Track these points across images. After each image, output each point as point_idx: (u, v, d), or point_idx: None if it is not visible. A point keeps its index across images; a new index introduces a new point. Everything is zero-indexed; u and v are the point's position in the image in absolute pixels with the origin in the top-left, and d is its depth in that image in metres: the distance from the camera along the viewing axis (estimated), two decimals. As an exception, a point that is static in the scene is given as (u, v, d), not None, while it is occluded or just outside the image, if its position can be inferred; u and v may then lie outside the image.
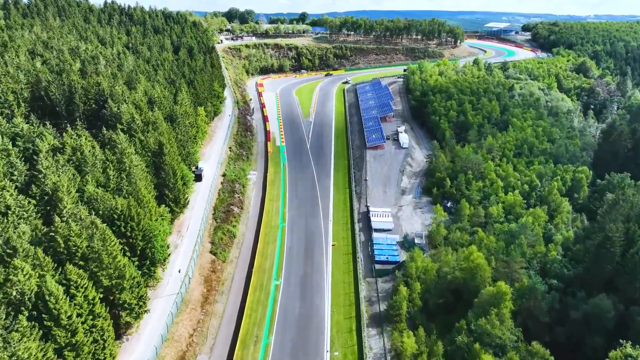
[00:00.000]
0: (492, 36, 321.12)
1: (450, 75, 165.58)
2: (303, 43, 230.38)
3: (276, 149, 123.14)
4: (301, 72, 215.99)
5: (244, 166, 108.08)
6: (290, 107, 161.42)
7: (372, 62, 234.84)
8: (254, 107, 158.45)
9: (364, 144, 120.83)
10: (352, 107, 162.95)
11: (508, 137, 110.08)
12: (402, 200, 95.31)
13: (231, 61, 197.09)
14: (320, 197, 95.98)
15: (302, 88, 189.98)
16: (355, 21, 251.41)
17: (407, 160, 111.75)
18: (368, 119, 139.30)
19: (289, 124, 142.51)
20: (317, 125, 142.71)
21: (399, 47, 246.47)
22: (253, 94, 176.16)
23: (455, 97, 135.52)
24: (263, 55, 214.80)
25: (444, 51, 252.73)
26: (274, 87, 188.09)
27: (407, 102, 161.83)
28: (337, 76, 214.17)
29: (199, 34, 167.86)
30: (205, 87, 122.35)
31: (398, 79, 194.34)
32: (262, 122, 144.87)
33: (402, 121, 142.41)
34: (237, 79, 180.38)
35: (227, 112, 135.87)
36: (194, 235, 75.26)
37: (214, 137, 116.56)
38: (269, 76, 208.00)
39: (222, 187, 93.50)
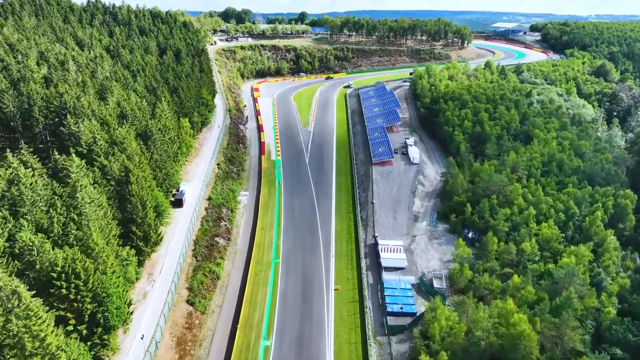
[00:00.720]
0: (499, 37, 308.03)
1: (461, 79, 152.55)
2: (302, 44, 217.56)
3: (271, 163, 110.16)
4: (300, 75, 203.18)
5: (234, 186, 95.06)
6: (287, 114, 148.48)
7: (375, 65, 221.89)
8: (248, 114, 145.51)
9: (369, 158, 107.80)
10: (355, 114, 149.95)
11: (533, 153, 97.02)
12: (416, 229, 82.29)
13: (225, 64, 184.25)
14: (321, 225, 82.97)
15: (300, 93, 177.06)
16: (357, 21, 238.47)
17: (419, 178, 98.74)
18: (373, 129, 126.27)
19: (286, 134, 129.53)
20: (317, 135, 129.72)
21: (404, 48, 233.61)
22: (248, 100, 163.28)
23: (470, 105, 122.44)
24: (259, 58, 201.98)
25: (451, 53, 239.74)
26: (270, 92, 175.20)
27: (415, 109, 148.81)
28: (338, 80, 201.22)
29: (189, 35, 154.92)
30: (192, 95, 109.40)
31: (404, 83, 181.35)
32: (256, 132, 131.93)
33: (410, 131, 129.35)
34: (231, 83, 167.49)
35: (218, 122, 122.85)
36: (169, 278, 62.31)
37: (201, 152, 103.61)
38: (265, 80, 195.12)
39: (206, 213, 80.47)
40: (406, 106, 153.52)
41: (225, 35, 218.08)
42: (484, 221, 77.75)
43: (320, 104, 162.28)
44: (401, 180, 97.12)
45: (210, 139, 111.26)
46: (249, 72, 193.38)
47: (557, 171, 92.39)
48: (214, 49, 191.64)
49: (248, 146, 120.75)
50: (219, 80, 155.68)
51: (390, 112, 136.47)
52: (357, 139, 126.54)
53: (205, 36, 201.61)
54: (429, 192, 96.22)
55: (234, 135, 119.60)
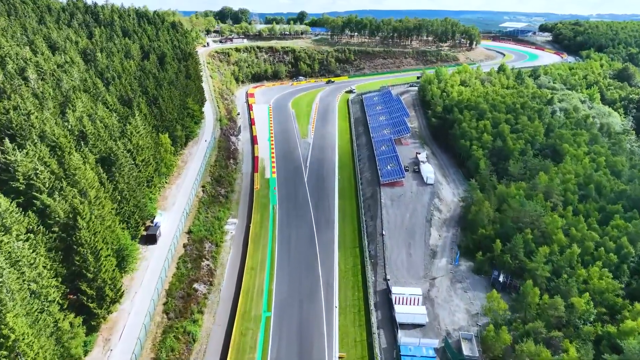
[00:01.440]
0: (508, 37, 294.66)
1: (474, 85, 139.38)
2: (301, 46, 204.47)
3: (265, 183, 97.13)
4: (299, 79, 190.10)
5: (221, 213, 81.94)
6: (285, 123, 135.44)
7: (378, 67, 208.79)
8: (241, 124, 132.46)
9: (376, 178, 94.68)
10: (359, 123, 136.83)
11: (566, 173, 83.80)
12: (435, 269, 69.24)
13: (218, 67, 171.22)
14: (321, 262, 69.90)
15: (299, 98, 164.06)
16: (359, 21, 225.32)
17: (434, 202, 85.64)
18: (379, 142, 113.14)
19: (282, 147, 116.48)
20: (317, 148, 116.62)
21: (409, 50, 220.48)
22: (242, 107, 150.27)
23: (489, 116, 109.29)
24: (255, 60, 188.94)
25: (459, 54, 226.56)
26: (267, 98, 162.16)
27: (425, 118, 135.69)
28: (339, 84, 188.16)
29: (177, 37, 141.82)
30: (175, 106, 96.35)
31: (410, 88, 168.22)
32: (250, 144, 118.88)
33: (420, 144, 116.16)
34: (224, 89, 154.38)
35: (206, 134, 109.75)
36: (129, 347, 49.33)
37: (185, 171, 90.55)
38: (262, 84, 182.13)
39: (184, 252, 67.42)
40: (414, 114, 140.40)
41: (219, 37, 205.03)
42: (518, 261, 64.67)
43: (321, 111, 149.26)
44: (414, 206, 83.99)
45: (197, 154, 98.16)
46: (244, 76, 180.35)
47: (596, 196, 79.23)
48: (207, 51, 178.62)
49: (240, 162, 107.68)
50: (209, 86, 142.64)
51: (398, 122, 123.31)
52: (362, 152, 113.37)
53: (197, 37, 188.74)
54: (446, 219, 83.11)
55: (224, 149, 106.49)
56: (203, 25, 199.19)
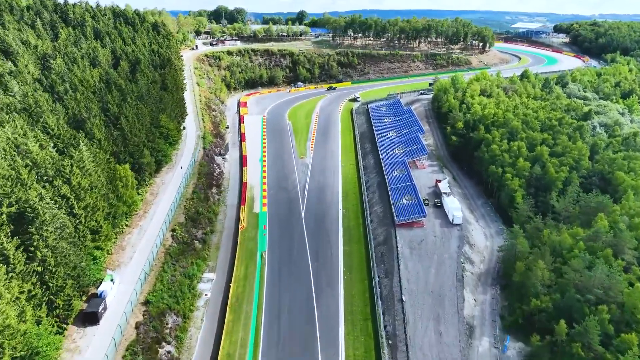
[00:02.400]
0: (521, 38, 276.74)
1: (498, 95, 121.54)
2: (300, 48, 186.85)
3: (253, 219, 79.57)
4: (297, 85, 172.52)
5: (194, 267, 64.27)
6: (280, 138, 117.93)
7: (384, 72, 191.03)
8: (229, 140, 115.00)
9: (389, 214, 77.02)
10: (365, 139, 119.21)
11: (635, 217, 66.02)
12: (475, 356, 51.53)
13: (207, 73, 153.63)
14: (323, 348, 52.23)
15: (297, 108, 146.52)
16: (363, 21, 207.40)
17: (464, 250, 67.98)
18: (391, 165, 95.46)
19: (276, 170, 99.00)
20: (317, 171, 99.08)
21: (417, 52, 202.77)
22: (232, 119, 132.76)
23: (522, 135, 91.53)
24: (249, 65, 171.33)
25: (471, 58, 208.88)
26: (261, 107, 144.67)
27: (441, 133, 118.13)
28: (342, 90, 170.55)
29: (158, 40, 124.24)
30: (144, 126, 78.72)
31: (421, 96, 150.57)
32: (238, 166, 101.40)
33: (439, 166, 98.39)
34: (212, 97, 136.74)
35: (185, 155, 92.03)
36: None
37: (152, 208, 72.92)
38: (256, 91, 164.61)
39: (136, 334, 49.70)
40: (429, 128, 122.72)
41: (210, 38, 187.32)
42: (593, 353, 47.02)
43: (321, 123, 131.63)
44: (440, 256, 66.28)
45: (170, 184, 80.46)
46: (237, 82, 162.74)
47: (675, 247, 61.48)
48: (195, 54, 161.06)
49: (224, 190, 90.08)
50: (195, 96, 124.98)
51: (412, 140, 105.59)
52: (371, 178, 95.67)
53: (185, 39, 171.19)
54: (481, 273, 65.48)
55: (205, 175, 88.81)
56: (191, 25, 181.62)
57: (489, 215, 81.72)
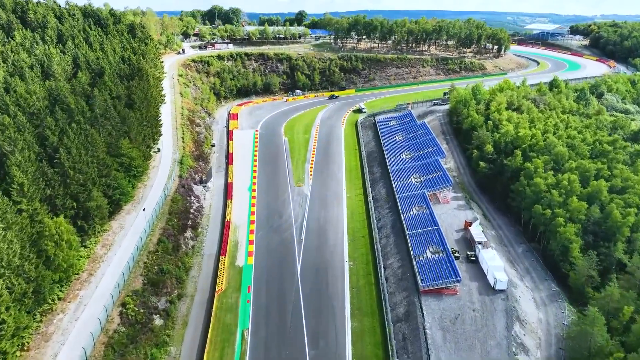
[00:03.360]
0: (535, 41, 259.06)
1: (528, 109, 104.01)
2: (299, 52, 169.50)
3: (235, 278, 62.26)
4: (295, 93, 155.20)
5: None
6: (274, 159, 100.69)
7: (392, 79, 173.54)
8: (214, 164, 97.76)
9: (410, 276, 59.49)
10: (374, 160, 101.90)
11: None
12: None
13: (193, 80, 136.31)
14: None
15: (295, 121, 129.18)
16: (368, 22, 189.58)
17: (515, 333, 50.40)
18: (407, 200, 78.03)
19: (268, 203, 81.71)
20: (317, 204, 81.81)
21: (427, 57, 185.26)
22: (220, 135, 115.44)
23: (571, 165, 73.92)
24: (242, 70, 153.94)
25: (486, 62, 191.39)
26: (253, 120, 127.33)
27: (463, 155, 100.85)
28: (345, 99, 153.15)
29: (132, 44, 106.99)
30: (95, 159, 61.44)
31: (435, 107, 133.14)
32: (222, 197, 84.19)
33: (465, 199, 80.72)
34: (197, 109, 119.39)
35: (155, 189, 74.62)
36: None
37: (101, 268, 55.58)
38: (249, 100, 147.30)
39: None
40: (447, 146, 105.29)
41: (199, 41, 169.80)
42: None
43: (322, 140, 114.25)
44: (484, 344, 48.70)
45: (130, 232, 63.10)
46: (227, 91, 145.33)
47: None
48: (181, 59, 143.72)
49: (202, 232, 72.70)
50: (175, 110, 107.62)
51: (431, 166, 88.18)
52: (383, 214, 78.14)
53: (171, 42, 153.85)
54: None
55: (178, 214, 71.43)
56: (177, 27, 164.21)
57: (535, 269, 64.31)
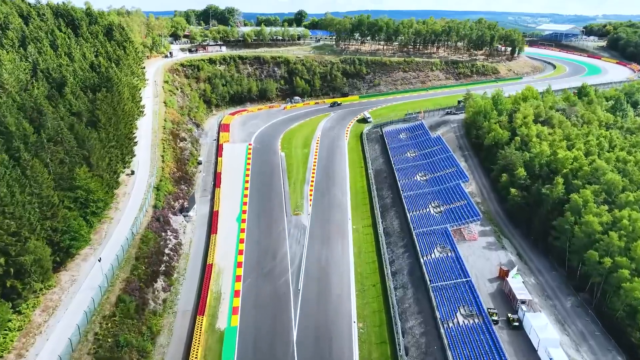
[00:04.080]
0: (548, 42, 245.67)
1: (560, 123, 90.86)
2: (298, 55, 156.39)
3: (214, 348, 49.02)
4: (294, 100, 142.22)
5: None
6: (268, 181, 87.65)
7: (398, 84, 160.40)
8: (198, 188, 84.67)
9: (439, 353, 46.27)
10: (383, 181, 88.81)
11: None
12: None
13: (181, 87, 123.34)
14: None
15: (293, 132, 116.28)
16: (373, 22, 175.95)
17: None
18: (426, 237, 64.82)
19: (259, 239, 68.68)
20: (318, 239, 68.79)
21: (435, 59, 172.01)
22: (208, 150, 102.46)
23: (627, 196, 60.67)
24: (236, 75, 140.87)
25: (499, 65, 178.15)
26: (247, 132, 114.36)
27: (484, 173, 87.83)
28: (348, 107, 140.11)
29: (107, 48, 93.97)
30: (36, 197, 48.32)
31: (449, 116, 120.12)
32: (205, 230, 71.17)
33: (494, 233, 67.44)
34: (183, 121, 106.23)
35: (119, 228, 61.28)
36: None
37: (37, 343, 42.53)
38: (243, 108, 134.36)
39: None
40: (465, 164, 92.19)
41: (189, 43, 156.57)
42: None
43: (324, 155, 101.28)
44: None
45: (81, 288, 49.95)
46: (219, 98, 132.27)
47: None
48: (168, 63, 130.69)
49: (177, 280, 59.52)
50: (156, 124, 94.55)
51: (452, 191, 75.04)
52: (397, 254, 64.89)
53: (157, 44, 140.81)
54: None
55: (148, 257, 58.18)
56: (165, 28, 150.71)
57: (593, 334, 51.13)
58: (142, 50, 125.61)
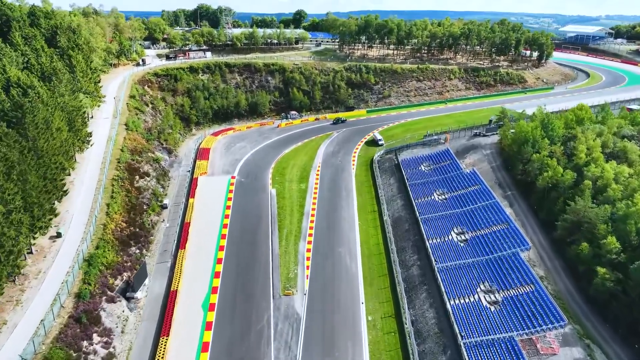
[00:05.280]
0: (573, 45, 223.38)
1: (630, 151, 68.99)
2: (295, 62, 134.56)
3: None
4: (290, 116, 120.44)
5: None
6: (252, 237, 65.42)
7: (411, 95, 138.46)
8: (152, 254, 62.56)
9: None
10: (405, 238, 66.54)
11: None
12: None
13: (152, 103, 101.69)
14: None
15: (288, 159, 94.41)
16: (382, 24, 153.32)
17: None
18: (481, 349, 42.79)
19: (230, 344, 46.38)
20: (318, 346, 46.60)
21: (453, 66, 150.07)
22: (179, 184, 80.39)
23: None
24: (222, 87, 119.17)
25: (525, 73, 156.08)
26: (231, 157, 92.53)
27: (540, 229, 65.71)
28: (354, 124, 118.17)
29: (43, 59, 72.03)
30: None
31: (477, 138, 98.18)
32: (154, 327, 48.91)
33: (581, 342, 45.46)
34: (147, 149, 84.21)
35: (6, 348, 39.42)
36: None
37: None
38: (230, 127, 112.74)
39: None
40: (510, 210, 70.06)
41: (167, 48, 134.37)
42: None
43: (325, 196, 79.16)
44: None
45: None
46: (201, 114, 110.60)
47: None
48: (139, 73, 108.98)
49: None
50: (105, 157, 72.39)
51: (507, 264, 52.82)
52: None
53: (127, 50, 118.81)
54: None
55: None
56: (138, 31, 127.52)
57: None
58: (105, 57, 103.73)
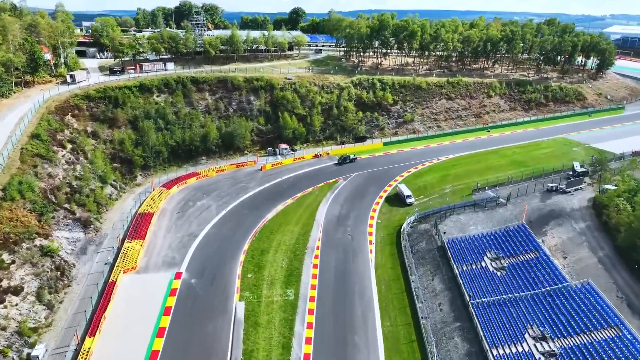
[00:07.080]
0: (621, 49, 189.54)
1: None
2: (287, 75, 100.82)
3: None
4: (280, 152, 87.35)
5: None
6: None
7: (441, 118, 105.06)
8: None
9: None
10: None
11: None
12: None
13: (74, 142, 68.25)
14: None
15: (268, 233, 60.54)
16: (402, 25, 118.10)
17: None
18: None
19: None
20: None
21: (491, 79, 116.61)
22: (81, 295, 46.62)
23: None
24: (185, 112, 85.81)
25: (582, 87, 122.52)
26: (183, 232, 58.67)
27: None
28: (367, 165, 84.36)
29: None
30: None
31: (554, 195, 64.60)
32: None
33: None
34: (26, 235, 50.71)
35: None
36: None
37: None
38: (193, 172, 79.22)
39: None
40: None
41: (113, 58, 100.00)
42: None
43: (327, 310, 45.25)
44: None
45: None
46: (152, 154, 77.12)
47: None
48: (62, 97, 75.46)
49: None
50: None
51: None
52: None
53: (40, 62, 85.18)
54: None
55: None
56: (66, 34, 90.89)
57: None
58: (1, 74, 70.29)
